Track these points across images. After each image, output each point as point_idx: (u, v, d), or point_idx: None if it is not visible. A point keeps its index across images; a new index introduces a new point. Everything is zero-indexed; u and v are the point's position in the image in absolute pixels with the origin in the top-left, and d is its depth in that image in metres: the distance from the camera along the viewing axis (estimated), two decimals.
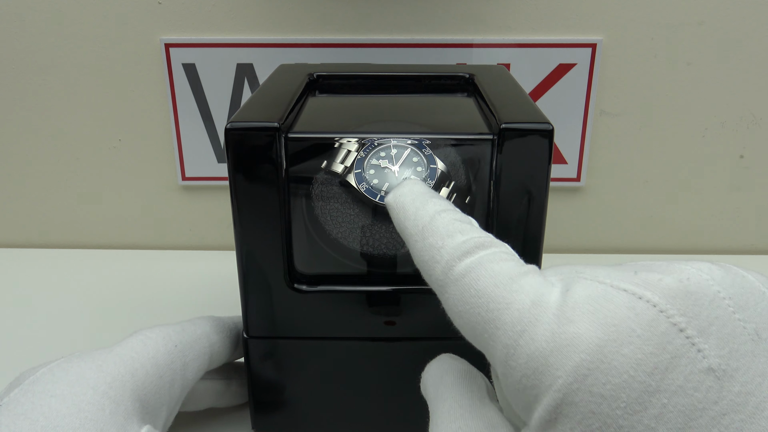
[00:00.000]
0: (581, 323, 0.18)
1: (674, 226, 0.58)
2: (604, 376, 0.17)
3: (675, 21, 0.51)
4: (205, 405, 0.35)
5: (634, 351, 0.17)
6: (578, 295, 0.19)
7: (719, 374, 0.16)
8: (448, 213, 0.24)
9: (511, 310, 0.19)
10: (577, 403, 0.17)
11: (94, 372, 0.27)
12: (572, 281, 0.20)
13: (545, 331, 0.18)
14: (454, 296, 0.21)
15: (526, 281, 0.20)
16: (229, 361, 0.35)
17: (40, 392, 0.25)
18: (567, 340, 0.18)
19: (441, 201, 0.25)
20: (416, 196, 0.25)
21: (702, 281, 0.18)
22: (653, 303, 0.18)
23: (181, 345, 0.31)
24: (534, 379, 0.18)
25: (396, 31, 0.52)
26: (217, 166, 0.56)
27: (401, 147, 0.29)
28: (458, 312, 0.21)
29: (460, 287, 0.21)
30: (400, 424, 0.34)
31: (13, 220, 0.59)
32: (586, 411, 0.17)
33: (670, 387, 0.16)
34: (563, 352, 0.18)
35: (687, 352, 0.17)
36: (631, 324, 0.17)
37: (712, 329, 0.17)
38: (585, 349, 0.17)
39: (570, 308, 0.18)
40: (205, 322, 0.33)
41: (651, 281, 0.18)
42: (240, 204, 0.29)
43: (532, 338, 0.18)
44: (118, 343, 0.29)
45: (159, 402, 0.28)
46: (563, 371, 0.17)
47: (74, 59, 0.53)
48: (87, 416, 0.24)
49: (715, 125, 0.54)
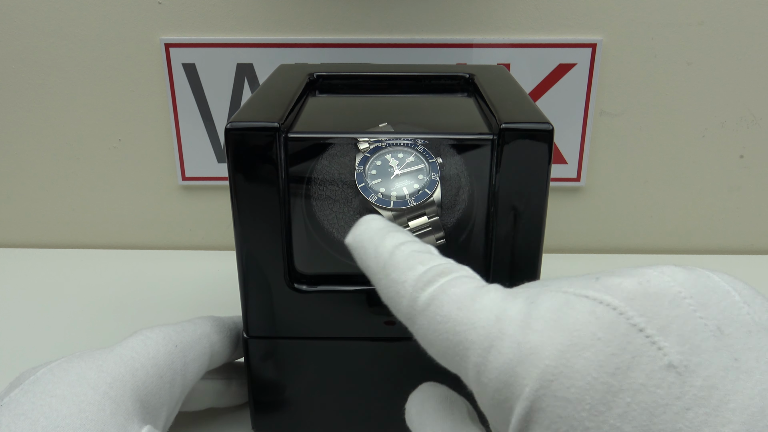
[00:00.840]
0: (545, 331, 0.18)
1: (674, 226, 0.58)
2: (568, 380, 0.17)
3: (675, 21, 0.51)
4: (206, 405, 0.35)
5: (595, 353, 0.17)
6: (542, 305, 0.19)
7: (680, 370, 0.17)
8: (406, 245, 0.24)
9: (477, 329, 0.20)
10: (544, 408, 0.18)
11: (94, 372, 0.27)
12: (536, 294, 0.20)
13: (511, 343, 0.19)
14: (423, 326, 0.22)
15: (488, 298, 0.21)
16: (229, 361, 0.35)
17: (40, 392, 0.25)
18: (531, 349, 0.18)
19: (399, 234, 0.25)
20: (374, 234, 0.25)
21: (662, 282, 0.18)
22: (613, 306, 0.18)
23: (181, 345, 0.31)
24: (505, 392, 0.19)
25: (396, 31, 0.52)
26: (217, 166, 0.56)
27: (403, 148, 0.29)
28: (429, 341, 0.22)
29: (427, 317, 0.21)
30: (400, 424, 0.34)
31: (13, 220, 0.59)
32: (554, 416, 0.17)
33: (633, 385, 0.17)
34: (529, 360, 0.18)
35: (647, 351, 0.17)
36: (592, 328, 0.18)
37: (672, 327, 0.17)
38: (549, 355, 0.18)
39: (534, 318, 0.19)
40: (205, 322, 0.33)
41: (611, 286, 0.19)
42: (240, 204, 0.29)
43: (500, 352, 0.19)
44: (118, 343, 0.29)
45: (159, 402, 0.28)
46: (530, 379, 0.18)
47: (74, 59, 0.53)
48: (87, 416, 0.24)
49: (715, 125, 0.54)
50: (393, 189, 0.28)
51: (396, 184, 0.29)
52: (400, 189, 0.28)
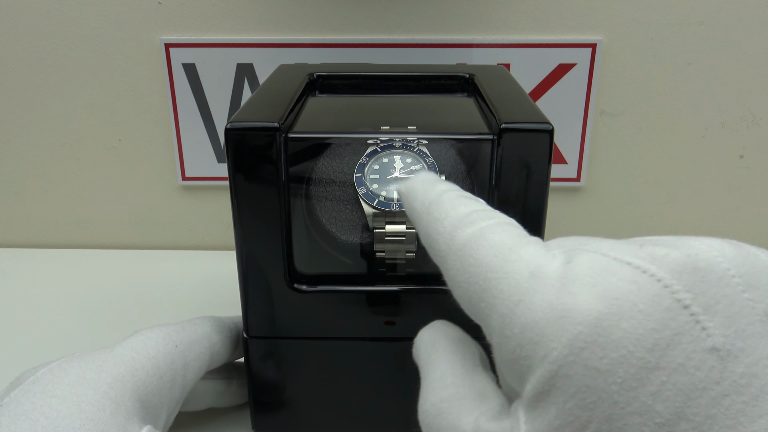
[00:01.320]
0: (581, 295, 0.17)
1: (674, 226, 0.58)
2: (601, 350, 0.16)
3: (675, 21, 0.51)
4: (206, 405, 0.35)
5: (634, 326, 0.16)
6: (580, 267, 0.18)
7: (723, 354, 0.16)
8: (455, 191, 0.23)
9: (508, 280, 0.19)
10: (571, 375, 0.17)
11: (94, 372, 0.27)
12: (575, 253, 0.19)
13: (543, 301, 0.18)
14: (455, 266, 0.21)
15: (526, 251, 0.20)
16: (230, 361, 0.35)
17: (40, 392, 0.25)
18: (565, 312, 0.17)
19: (450, 184, 0.24)
20: (426, 181, 0.25)
21: (711, 257, 0.17)
22: (658, 277, 0.17)
23: (181, 345, 0.31)
24: (528, 349, 0.18)
25: (396, 31, 0.52)
26: (217, 166, 0.56)
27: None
28: (457, 282, 0.21)
29: (461, 257, 0.21)
30: (400, 424, 0.34)
31: (13, 220, 0.59)
32: (581, 384, 0.17)
33: (671, 364, 0.16)
34: (560, 323, 0.17)
35: (690, 330, 0.16)
36: (632, 298, 0.17)
37: (718, 307, 0.16)
38: (583, 321, 0.17)
39: (570, 280, 0.18)
40: (205, 322, 0.33)
41: (657, 255, 0.17)
42: (240, 204, 0.29)
43: (529, 308, 0.18)
44: (118, 344, 0.29)
45: (159, 402, 0.28)
46: (559, 343, 0.17)
47: (74, 59, 0.53)
48: (88, 416, 0.24)
49: (715, 125, 0.54)
50: (385, 188, 0.29)
51: (391, 185, 0.29)
52: (392, 191, 0.29)
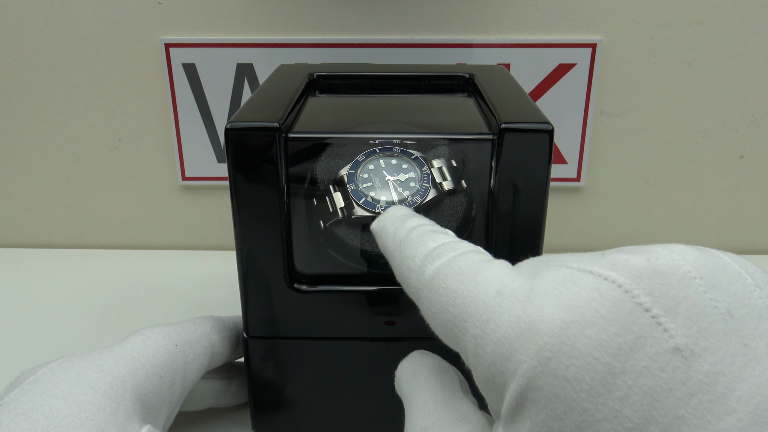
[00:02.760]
0: (545, 306, 0.18)
1: (674, 226, 0.58)
2: (567, 358, 0.17)
3: (675, 21, 0.51)
4: (206, 405, 0.35)
5: (597, 332, 0.17)
6: (544, 280, 0.19)
7: (686, 354, 0.16)
8: (423, 227, 0.24)
9: (476, 302, 0.20)
10: (541, 387, 0.17)
11: (94, 372, 0.27)
12: (540, 269, 0.19)
13: (510, 317, 0.18)
14: (427, 299, 0.22)
15: (491, 272, 0.20)
16: (229, 361, 0.35)
17: (40, 392, 0.25)
18: (531, 324, 0.17)
19: (420, 219, 0.25)
20: (396, 219, 0.26)
21: (672, 261, 0.17)
22: (618, 283, 0.17)
23: (181, 345, 0.31)
24: (501, 365, 0.18)
25: (396, 31, 0.52)
26: (217, 166, 0.56)
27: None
28: (431, 314, 0.22)
29: (431, 289, 0.22)
30: (399, 424, 0.34)
31: (13, 220, 0.59)
32: (551, 395, 0.17)
33: (635, 368, 0.16)
34: (527, 335, 0.17)
35: (652, 332, 0.16)
36: (595, 305, 0.17)
37: (680, 308, 0.17)
38: (548, 331, 0.17)
39: (535, 293, 0.18)
40: (205, 322, 0.33)
41: (617, 262, 0.18)
42: (240, 204, 0.29)
43: (498, 325, 0.18)
44: (118, 343, 0.29)
45: (159, 402, 0.28)
46: (527, 355, 0.17)
47: (74, 59, 0.53)
48: (88, 416, 0.24)
49: (715, 125, 0.54)
50: (375, 190, 0.29)
51: (382, 188, 0.29)
52: (380, 193, 0.29)
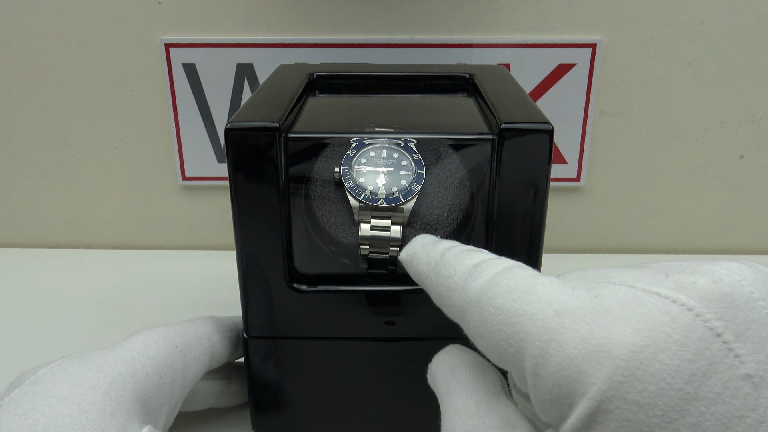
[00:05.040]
0: (614, 329, 0.17)
1: (674, 226, 0.58)
2: (640, 383, 0.16)
3: (675, 21, 0.51)
4: (206, 405, 0.35)
5: (670, 357, 0.16)
6: (608, 300, 0.18)
7: (756, 380, 0.16)
8: (457, 248, 0.24)
9: (534, 321, 0.19)
10: (612, 410, 0.17)
11: (94, 372, 0.27)
12: (599, 287, 0.19)
13: (575, 338, 0.18)
14: (475, 319, 0.21)
15: (543, 290, 0.20)
16: (230, 361, 0.35)
17: (40, 393, 0.25)
18: (599, 346, 0.17)
19: (450, 242, 0.25)
20: (426, 244, 0.26)
21: (735, 282, 0.17)
22: (688, 307, 0.17)
23: (181, 345, 0.31)
24: (567, 387, 0.18)
25: (396, 31, 0.52)
26: (217, 166, 0.56)
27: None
28: (480, 334, 0.21)
29: (479, 309, 0.21)
30: (400, 424, 0.34)
31: (13, 220, 0.59)
32: (622, 419, 0.17)
33: (708, 395, 0.16)
34: (596, 358, 0.17)
35: (725, 358, 0.16)
36: (666, 329, 0.17)
37: (748, 333, 0.17)
38: (619, 355, 0.17)
39: (600, 314, 0.18)
40: (205, 322, 0.33)
41: (684, 284, 0.18)
42: (240, 204, 0.29)
43: (561, 345, 0.18)
44: (118, 344, 0.29)
45: (159, 402, 0.28)
46: (597, 378, 0.17)
47: (74, 59, 0.53)
48: (88, 417, 0.24)
49: (715, 125, 0.54)
50: (372, 182, 0.29)
51: (378, 180, 0.29)
52: (378, 185, 0.29)
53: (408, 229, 0.30)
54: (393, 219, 0.29)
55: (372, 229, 0.29)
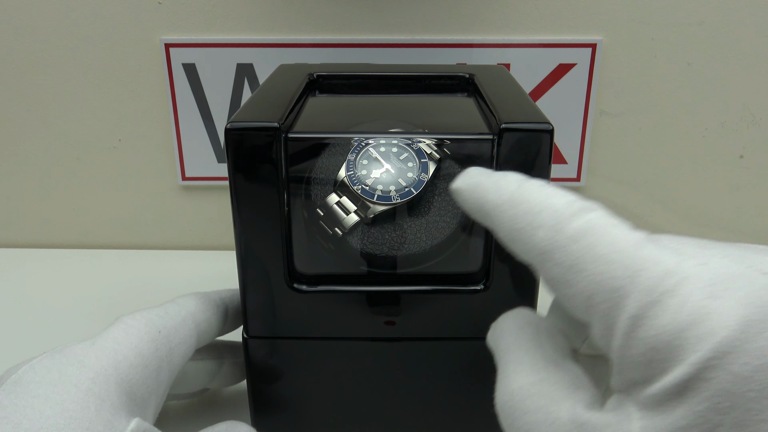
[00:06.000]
0: (725, 300, 0.17)
1: (674, 227, 0.58)
2: (745, 355, 0.16)
3: (675, 21, 0.51)
4: (199, 386, 0.34)
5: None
6: (719, 271, 0.18)
7: None
8: (533, 180, 0.22)
9: (641, 278, 0.18)
10: (710, 379, 0.17)
11: (76, 368, 0.26)
12: (705, 256, 0.19)
13: (684, 303, 0.18)
14: (564, 263, 0.20)
15: (651, 248, 0.19)
16: (219, 339, 0.34)
17: (22, 393, 0.24)
18: (708, 315, 0.17)
19: (519, 174, 0.23)
20: (490, 173, 0.23)
21: None
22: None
23: (165, 330, 0.29)
24: (665, 352, 0.18)
25: (396, 31, 0.52)
26: (217, 166, 0.56)
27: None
28: (567, 281, 0.20)
29: (573, 253, 0.20)
30: (400, 424, 0.34)
31: (13, 220, 0.59)
32: (719, 389, 0.17)
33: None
34: (704, 326, 0.17)
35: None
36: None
37: None
38: (729, 325, 0.17)
39: (711, 283, 0.18)
40: (189, 301, 0.32)
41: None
42: (240, 204, 0.29)
43: (667, 308, 0.18)
44: (99, 334, 0.28)
45: (146, 392, 0.27)
46: (701, 346, 0.17)
47: (74, 59, 0.53)
48: (71, 415, 0.24)
49: (715, 125, 0.54)
50: (371, 177, 0.29)
51: (380, 176, 0.29)
52: (376, 180, 0.29)
53: (408, 228, 0.30)
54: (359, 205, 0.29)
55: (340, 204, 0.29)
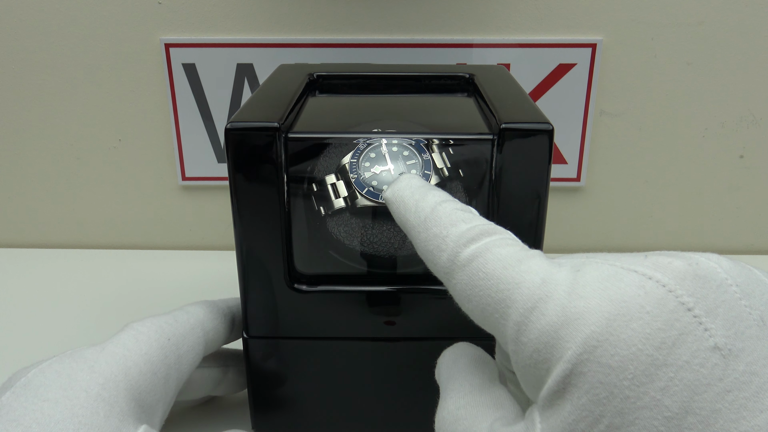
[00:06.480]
0: (592, 299, 0.19)
1: (674, 226, 0.58)
2: (613, 347, 0.18)
3: (675, 21, 0.51)
4: (203, 393, 0.34)
5: (642, 326, 0.18)
6: (589, 274, 0.20)
7: (725, 353, 0.17)
8: (448, 203, 0.24)
9: (521, 288, 0.20)
10: (585, 373, 0.18)
11: (86, 373, 0.26)
12: (582, 264, 0.20)
13: (556, 306, 0.19)
14: (462, 281, 0.22)
15: (534, 262, 0.21)
16: (225, 347, 0.35)
17: (32, 396, 0.25)
18: (577, 314, 0.18)
19: (440, 192, 0.25)
20: (415, 190, 0.26)
21: (710, 267, 0.19)
22: (662, 283, 0.18)
23: (174, 338, 0.30)
24: (545, 353, 0.19)
25: (396, 31, 0.52)
26: (217, 166, 0.56)
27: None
28: (467, 296, 0.22)
29: (468, 272, 0.22)
30: (400, 424, 0.34)
31: (13, 220, 0.59)
32: (595, 381, 0.18)
33: (677, 362, 0.17)
34: (574, 324, 0.18)
35: (694, 330, 0.17)
36: (640, 301, 0.18)
37: (719, 311, 0.18)
38: (595, 321, 0.18)
39: (581, 286, 0.19)
40: (198, 309, 0.32)
41: (661, 263, 0.19)
42: (240, 204, 0.29)
43: (543, 313, 0.19)
44: (109, 339, 0.29)
45: (154, 399, 0.28)
46: (573, 343, 0.18)
47: (74, 59, 0.53)
48: (81, 420, 0.24)
49: (715, 125, 0.54)
50: (371, 172, 0.29)
51: (380, 173, 0.29)
52: (374, 176, 0.29)
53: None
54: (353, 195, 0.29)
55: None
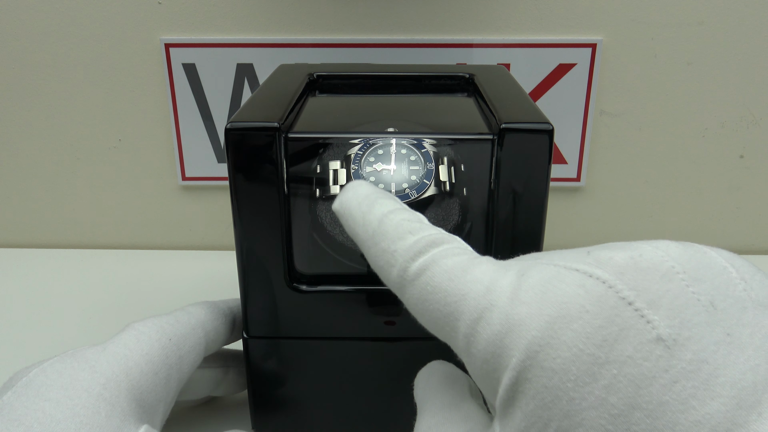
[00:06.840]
0: (533, 303, 0.18)
1: (674, 226, 0.58)
2: (554, 351, 0.17)
3: (675, 21, 0.51)
4: (203, 394, 0.34)
5: (583, 326, 0.17)
6: (532, 278, 0.19)
7: (669, 343, 0.17)
8: (395, 214, 0.24)
9: (467, 300, 0.20)
10: (530, 379, 0.18)
11: (87, 373, 0.26)
12: (528, 266, 0.20)
13: (500, 315, 0.19)
14: (413, 296, 0.22)
15: (479, 270, 0.21)
16: (225, 347, 0.35)
17: (33, 396, 0.25)
18: (519, 321, 0.18)
19: (387, 201, 0.24)
20: (362, 200, 0.25)
21: (655, 257, 0.18)
22: (602, 279, 0.18)
23: (175, 338, 0.30)
24: (493, 362, 0.19)
25: (396, 31, 0.52)
26: (217, 166, 0.56)
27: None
28: (419, 311, 0.22)
29: (417, 287, 0.22)
30: (399, 424, 0.34)
31: (13, 220, 0.59)
32: (539, 386, 0.18)
33: (619, 358, 0.17)
34: (516, 331, 0.18)
35: (635, 324, 0.17)
36: (580, 300, 0.18)
37: (662, 301, 0.17)
38: (536, 326, 0.18)
39: (523, 291, 0.19)
40: (199, 309, 0.33)
41: (601, 259, 0.19)
42: (240, 204, 0.29)
43: (488, 323, 0.19)
44: (111, 340, 0.29)
45: (155, 399, 0.28)
46: (517, 350, 0.18)
47: (74, 59, 0.53)
48: (82, 420, 0.24)
49: (715, 125, 0.54)
50: (372, 167, 0.29)
51: (380, 171, 0.29)
52: (373, 173, 0.29)
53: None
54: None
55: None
